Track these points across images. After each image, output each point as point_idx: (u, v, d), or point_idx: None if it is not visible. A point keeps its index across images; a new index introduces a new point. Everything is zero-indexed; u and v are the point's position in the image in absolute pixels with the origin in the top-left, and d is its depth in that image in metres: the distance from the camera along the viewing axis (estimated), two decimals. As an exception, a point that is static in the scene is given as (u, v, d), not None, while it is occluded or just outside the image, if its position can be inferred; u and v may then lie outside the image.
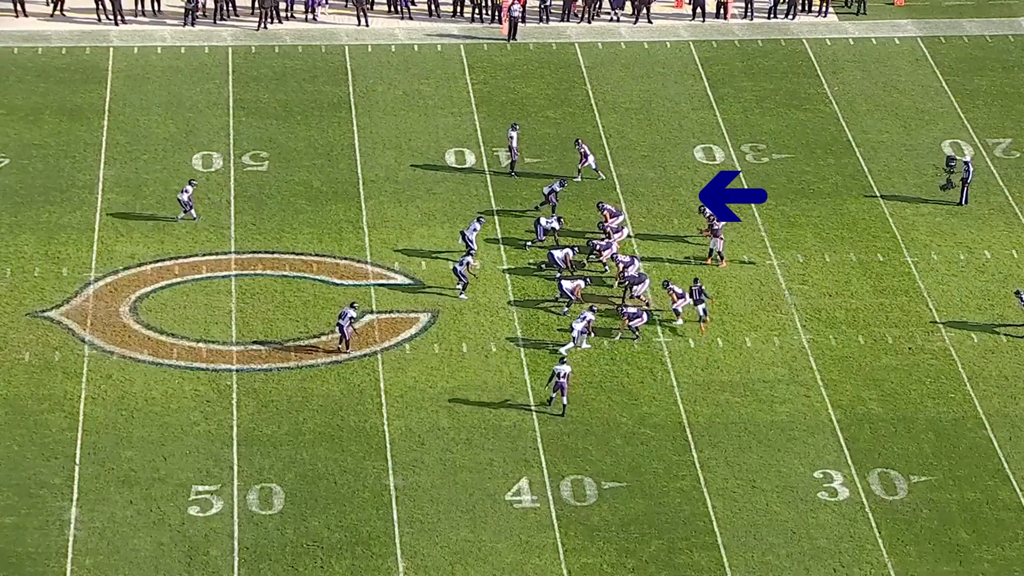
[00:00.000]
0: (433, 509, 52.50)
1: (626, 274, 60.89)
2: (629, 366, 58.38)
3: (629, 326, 59.16)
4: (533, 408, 56.36)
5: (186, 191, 64.05)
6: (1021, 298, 59.93)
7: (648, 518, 52.54)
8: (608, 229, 62.69)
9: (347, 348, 58.09)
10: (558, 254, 61.64)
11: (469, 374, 57.88)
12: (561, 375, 55.78)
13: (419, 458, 54.38)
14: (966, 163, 66.96)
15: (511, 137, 67.61)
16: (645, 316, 59.44)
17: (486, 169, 68.34)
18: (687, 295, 59.78)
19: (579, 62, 76.07)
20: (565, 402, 56.02)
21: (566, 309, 60.26)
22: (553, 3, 79.19)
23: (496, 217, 65.47)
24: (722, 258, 62.98)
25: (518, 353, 58.73)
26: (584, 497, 53.28)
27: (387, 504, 52.63)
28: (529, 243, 63.49)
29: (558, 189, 64.42)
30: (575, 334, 58.25)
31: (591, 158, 66.87)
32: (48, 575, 49.71)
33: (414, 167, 68.21)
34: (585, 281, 60.54)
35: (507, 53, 76.37)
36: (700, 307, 59.53)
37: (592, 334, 58.92)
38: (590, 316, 58.42)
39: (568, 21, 79.14)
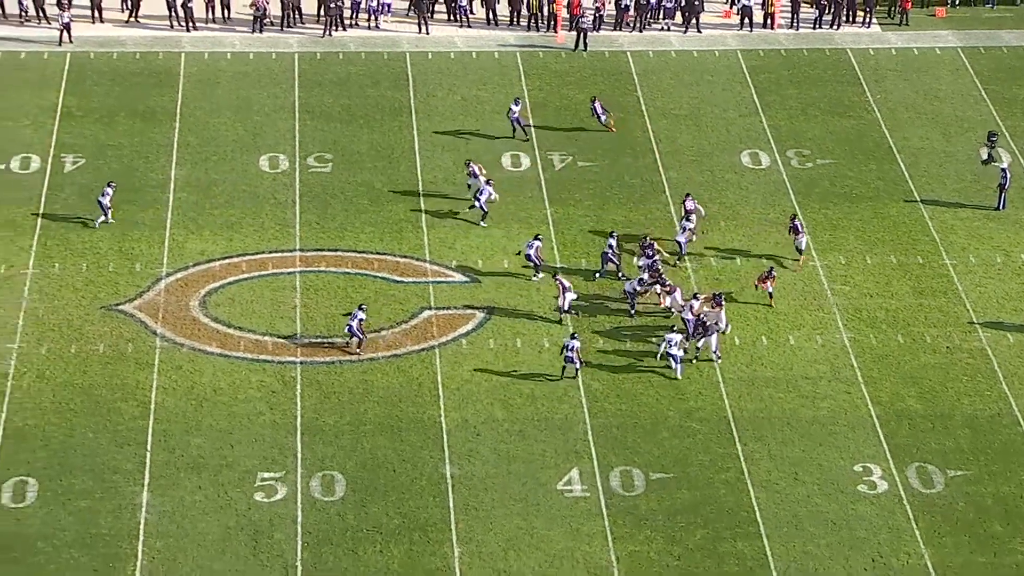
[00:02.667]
0: (488, 497, 52.77)
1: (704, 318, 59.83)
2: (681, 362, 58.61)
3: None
4: (584, 401, 56.60)
5: (106, 194, 64.28)
6: None
7: (694, 508, 52.72)
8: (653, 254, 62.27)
9: (360, 348, 58.29)
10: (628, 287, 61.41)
11: (523, 369, 58.13)
12: (571, 348, 56.51)
13: (474, 448, 54.67)
14: (1003, 169, 66.97)
15: (512, 110, 69.07)
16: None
17: (540, 172, 68.54)
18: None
19: (631, 69, 76.22)
20: (578, 367, 56.96)
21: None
22: (606, 13, 79.33)
23: (550, 218, 65.67)
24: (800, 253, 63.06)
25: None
26: (632, 487, 53.48)
27: (444, 492, 52.91)
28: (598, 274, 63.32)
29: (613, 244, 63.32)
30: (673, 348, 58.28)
31: (484, 187, 65.12)
32: (120, 556, 50.19)
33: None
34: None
35: (562, 60, 76.57)
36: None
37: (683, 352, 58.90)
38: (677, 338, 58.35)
39: (620, 30, 79.27)
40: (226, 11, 78.42)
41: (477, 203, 64.06)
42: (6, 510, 51.57)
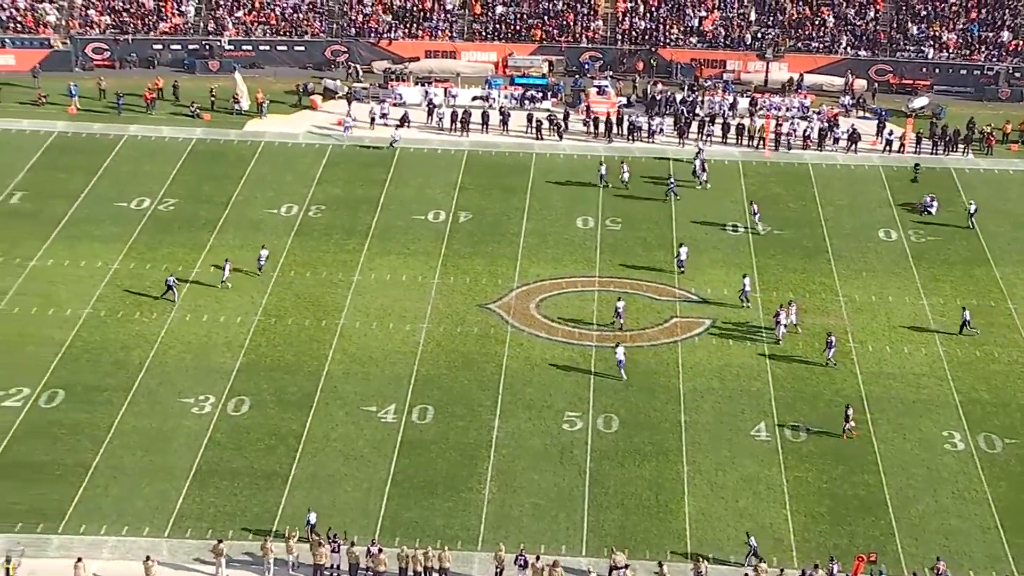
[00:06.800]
0: (707, 436, 52.14)
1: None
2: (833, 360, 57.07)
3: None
4: (771, 380, 55.44)
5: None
6: None
7: (836, 451, 51.51)
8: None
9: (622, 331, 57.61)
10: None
11: (733, 357, 57.18)
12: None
13: (700, 405, 54.00)
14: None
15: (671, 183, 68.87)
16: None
17: (750, 234, 67.20)
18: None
19: (810, 174, 74.29)
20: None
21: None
22: (793, 140, 77.41)
23: (754, 265, 64.34)
24: None
25: (763, 346, 57.84)
26: (798, 436, 52.37)
27: (679, 431, 52.42)
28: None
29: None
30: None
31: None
32: (480, 456, 50.76)
33: (707, 233, 67.36)
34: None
35: (767, 167, 74.91)
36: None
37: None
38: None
39: (805, 150, 77.13)
40: (564, 130, 78.04)
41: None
42: (415, 424, 52.46)
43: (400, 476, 49.61)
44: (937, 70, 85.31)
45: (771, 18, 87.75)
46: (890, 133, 76.98)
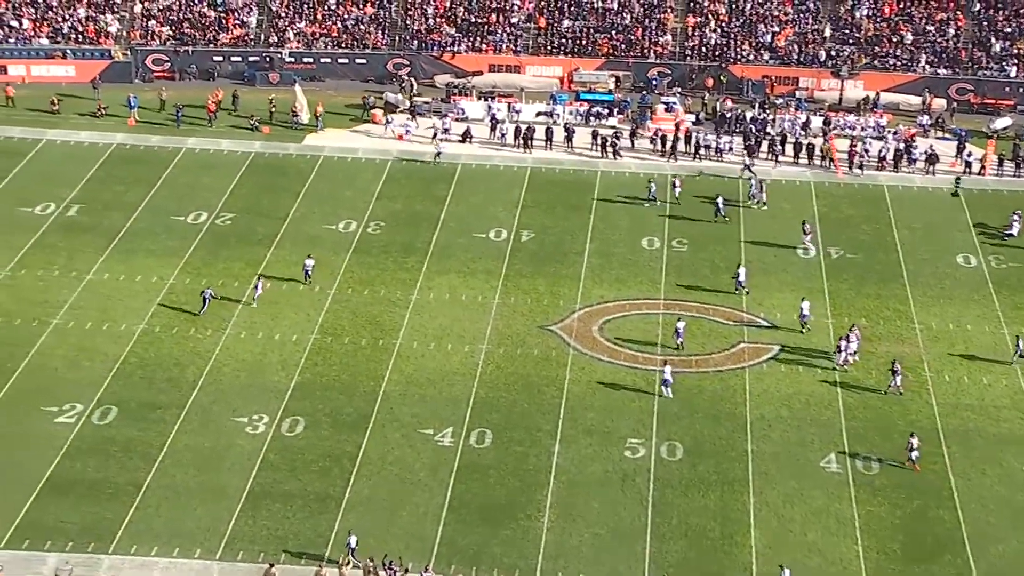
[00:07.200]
0: (775, 466, 51.09)
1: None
2: (907, 392, 55.49)
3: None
4: (841, 409, 54.19)
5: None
6: None
7: (911, 486, 50.17)
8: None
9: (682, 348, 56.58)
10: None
11: (802, 385, 56.00)
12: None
13: (767, 434, 52.89)
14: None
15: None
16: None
17: (821, 259, 65.94)
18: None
19: (885, 196, 72.82)
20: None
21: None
22: (867, 160, 76.00)
23: (826, 290, 63.04)
24: None
25: (833, 375, 56.52)
26: (870, 468, 51.11)
27: (745, 460, 51.39)
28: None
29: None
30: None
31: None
32: (539, 483, 50.00)
33: (776, 255, 66.21)
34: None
35: (840, 188, 73.62)
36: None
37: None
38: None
39: (880, 171, 75.71)
40: (615, 152, 77.25)
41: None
42: (473, 449, 51.84)
43: (457, 502, 48.88)
44: (1021, 89, 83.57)
45: (847, 34, 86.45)
46: (970, 155, 75.37)
